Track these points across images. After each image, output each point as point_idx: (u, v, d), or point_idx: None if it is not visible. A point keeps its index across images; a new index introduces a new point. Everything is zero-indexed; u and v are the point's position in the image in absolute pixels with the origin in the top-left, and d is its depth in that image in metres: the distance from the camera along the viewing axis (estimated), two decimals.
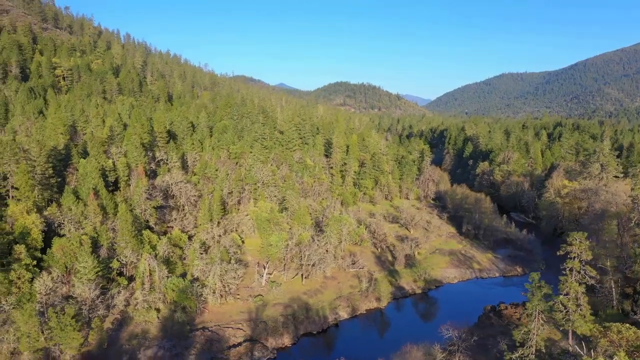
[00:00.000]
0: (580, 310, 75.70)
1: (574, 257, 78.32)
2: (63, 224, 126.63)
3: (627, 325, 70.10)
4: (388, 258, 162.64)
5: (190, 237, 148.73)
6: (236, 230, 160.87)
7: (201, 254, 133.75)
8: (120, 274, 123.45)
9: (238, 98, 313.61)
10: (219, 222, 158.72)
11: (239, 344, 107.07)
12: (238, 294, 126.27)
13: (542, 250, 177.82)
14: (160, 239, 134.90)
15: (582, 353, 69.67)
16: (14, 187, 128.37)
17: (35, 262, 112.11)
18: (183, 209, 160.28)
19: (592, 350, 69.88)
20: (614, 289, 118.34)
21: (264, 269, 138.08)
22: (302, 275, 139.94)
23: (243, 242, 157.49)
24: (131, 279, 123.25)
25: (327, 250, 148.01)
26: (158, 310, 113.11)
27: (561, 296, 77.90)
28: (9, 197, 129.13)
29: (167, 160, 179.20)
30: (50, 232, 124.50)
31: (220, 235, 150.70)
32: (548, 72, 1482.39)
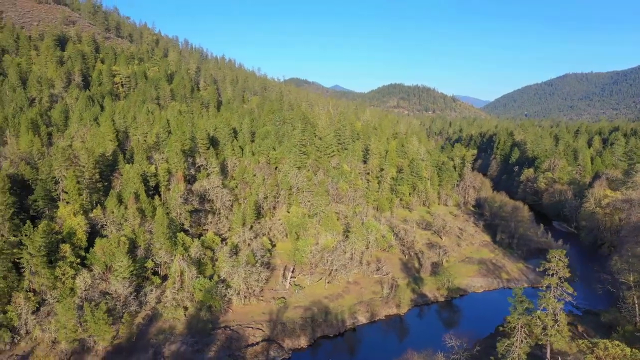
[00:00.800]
0: (558, 325, 76.67)
1: (552, 274, 79.28)
2: (106, 225, 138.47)
3: (616, 342, 70.54)
4: (415, 265, 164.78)
5: (223, 240, 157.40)
6: (268, 234, 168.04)
7: (231, 256, 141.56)
8: (155, 273, 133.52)
9: (285, 103, 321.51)
10: (252, 226, 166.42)
11: (257, 343, 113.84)
12: (262, 296, 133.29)
13: (581, 261, 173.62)
14: (193, 241, 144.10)
15: None
16: (64, 191, 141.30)
17: (79, 260, 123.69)
18: (219, 213, 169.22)
19: None
20: (637, 305, 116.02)
21: (290, 272, 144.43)
22: (325, 279, 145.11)
23: (274, 245, 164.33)
24: (165, 278, 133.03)
25: (351, 256, 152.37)
26: (186, 308, 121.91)
27: (539, 311, 79.23)
28: (59, 200, 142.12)
29: (206, 165, 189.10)
30: (95, 232, 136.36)
31: (251, 239, 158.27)
32: (616, 72, 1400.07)
